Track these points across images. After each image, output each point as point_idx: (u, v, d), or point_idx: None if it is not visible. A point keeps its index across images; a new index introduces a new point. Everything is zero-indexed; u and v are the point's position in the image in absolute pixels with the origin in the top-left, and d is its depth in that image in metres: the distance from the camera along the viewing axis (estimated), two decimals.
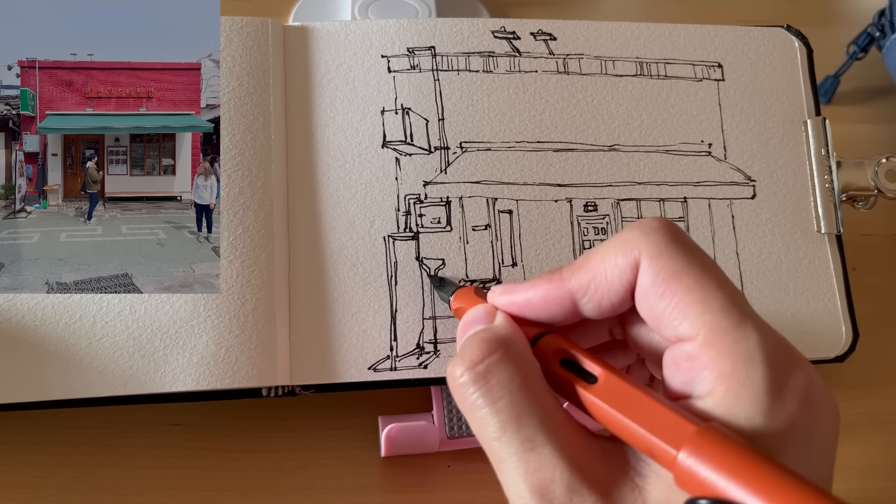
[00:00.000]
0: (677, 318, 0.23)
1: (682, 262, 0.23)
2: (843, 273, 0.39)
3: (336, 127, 0.37)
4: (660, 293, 0.23)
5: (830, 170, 0.40)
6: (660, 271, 0.23)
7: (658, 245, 0.24)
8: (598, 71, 0.39)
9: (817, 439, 0.22)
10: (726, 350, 0.22)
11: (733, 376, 0.22)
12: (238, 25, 0.37)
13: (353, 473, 0.36)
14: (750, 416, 0.21)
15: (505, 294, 0.27)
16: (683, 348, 0.23)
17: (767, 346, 0.22)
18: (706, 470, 0.20)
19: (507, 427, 0.23)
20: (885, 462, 0.39)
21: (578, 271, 0.25)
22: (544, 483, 0.22)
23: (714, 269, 0.24)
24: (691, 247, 0.24)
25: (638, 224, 0.25)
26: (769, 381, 0.22)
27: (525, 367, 0.24)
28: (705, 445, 0.20)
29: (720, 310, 0.23)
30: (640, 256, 0.24)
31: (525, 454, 0.23)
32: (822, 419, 0.23)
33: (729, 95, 0.40)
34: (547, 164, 0.38)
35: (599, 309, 0.25)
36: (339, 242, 0.36)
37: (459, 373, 0.24)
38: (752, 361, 0.22)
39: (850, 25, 0.53)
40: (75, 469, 0.35)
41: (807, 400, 0.22)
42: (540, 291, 0.26)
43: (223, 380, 0.33)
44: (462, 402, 0.24)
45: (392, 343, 0.35)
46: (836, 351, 0.38)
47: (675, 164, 0.39)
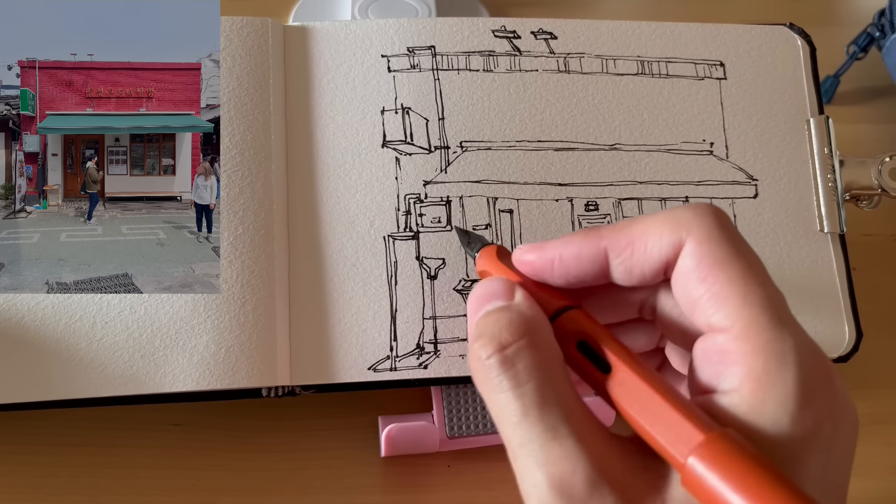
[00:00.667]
0: (713, 307, 0.23)
1: (729, 251, 0.23)
2: (846, 273, 0.38)
3: (336, 127, 0.37)
4: (701, 277, 0.23)
5: (833, 169, 0.39)
6: (705, 256, 0.23)
7: (709, 230, 0.23)
8: (599, 70, 0.39)
9: (838, 448, 0.22)
10: (760, 347, 0.22)
11: (764, 375, 0.21)
12: (238, 25, 0.37)
13: (353, 473, 0.36)
14: (776, 419, 0.21)
15: (532, 251, 0.26)
16: (716, 339, 0.23)
17: (803, 349, 0.22)
18: (714, 479, 0.20)
19: (529, 413, 0.22)
20: (885, 462, 0.39)
21: (618, 232, 0.25)
22: (565, 475, 0.21)
23: (759, 265, 0.23)
24: (739, 239, 0.24)
25: (691, 206, 0.24)
26: (800, 385, 0.21)
27: (550, 355, 0.24)
28: (715, 453, 0.20)
29: (759, 306, 0.22)
30: (686, 237, 0.24)
31: (547, 442, 0.22)
32: (844, 429, 0.22)
33: (731, 94, 0.40)
34: (547, 164, 0.38)
35: (629, 274, 0.25)
36: (339, 242, 0.36)
37: (487, 354, 0.23)
38: (786, 363, 0.21)
39: (850, 25, 0.53)
40: (75, 469, 0.35)
41: (833, 409, 0.22)
42: (573, 247, 0.25)
43: (223, 380, 0.33)
44: (484, 383, 0.24)
45: (392, 343, 0.35)
46: (840, 351, 0.37)
47: (677, 163, 0.39)
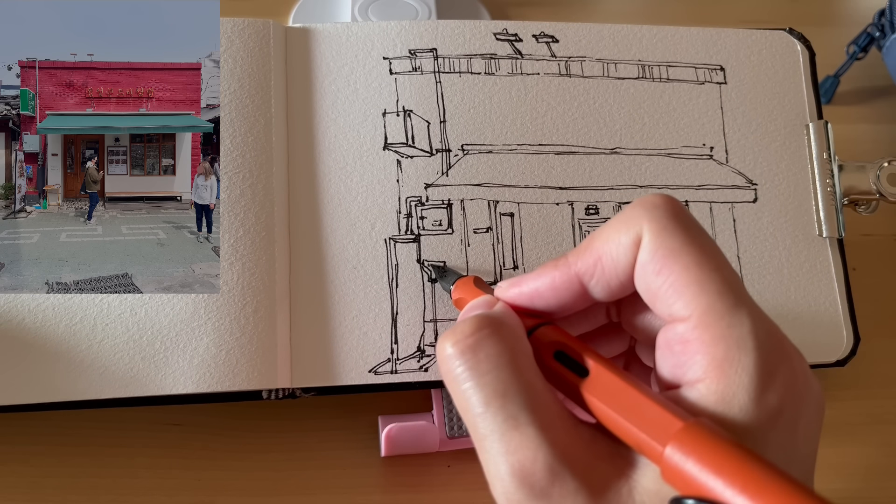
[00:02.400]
0: (672, 297, 0.23)
1: (682, 239, 0.23)
2: (844, 277, 0.39)
3: (337, 129, 0.37)
4: (657, 269, 0.23)
5: (832, 173, 0.40)
6: (659, 247, 0.23)
7: (660, 221, 0.24)
8: (599, 73, 0.39)
9: (802, 426, 0.22)
10: (720, 334, 0.22)
11: (725, 362, 0.22)
12: (239, 27, 0.37)
13: (353, 473, 0.36)
14: (741, 404, 0.21)
15: (512, 287, 0.27)
16: (676, 329, 0.23)
17: (760, 332, 0.22)
18: (692, 466, 0.20)
19: (491, 402, 0.23)
20: (885, 462, 0.39)
21: (584, 253, 0.25)
22: (525, 464, 0.22)
23: (713, 249, 0.24)
24: (692, 225, 0.24)
25: (640, 200, 0.24)
26: (760, 368, 0.22)
27: (515, 346, 0.24)
28: (692, 441, 0.20)
29: (716, 292, 0.22)
30: (641, 232, 0.24)
31: (507, 432, 0.22)
32: (807, 405, 0.23)
33: (731, 98, 0.40)
34: (548, 167, 0.38)
35: (609, 289, 0.25)
36: (340, 245, 0.36)
37: (448, 345, 0.24)
38: (745, 348, 0.22)
39: (850, 25, 0.53)
40: (75, 469, 0.35)
41: (793, 387, 0.22)
42: (547, 279, 0.26)
43: (223, 382, 0.33)
44: (447, 376, 0.24)
45: (393, 346, 0.35)
46: (838, 355, 0.38)
47: (677, 167, 0.39)
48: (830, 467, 0.38)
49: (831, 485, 0.37)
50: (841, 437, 0.39)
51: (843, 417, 0.40)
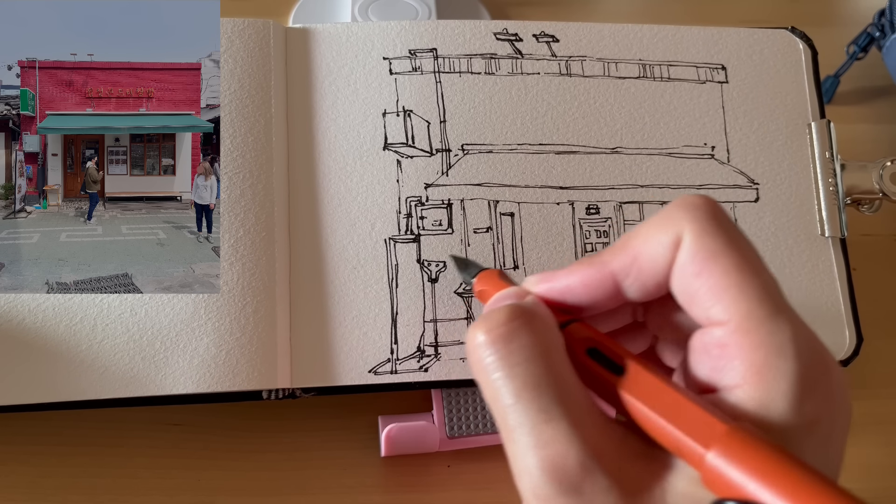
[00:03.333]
0: (711, 300, 0.23)
1: (723, 242, 0.23)
2: (846, 277, 0.38)
3: (337, 129, 0.37)
4: (696, 272, 0.23)
5: (835, 173, 0.39)
6: (699, 249, 0.23)
7: (701, 222, 0.23)
8: (600, 73, 0.39)
9: (834, 439, 0.22)
10: (760, 341, 0.22)
11: (765, 369, 0.21)
12: (239, 27, 0.37)
13: (353, 473, 0.36)
14: (780, 411, 0.21)
15: (542, 282, 0.26)
16: (714, 333, 0.23)
17: (800, 340, 0.22)
18: (735, 471, 0.20)
19: (522, 394, 0.22)
20: (885, 462, 0.39)
21: (620, 252, 0.25)
22: (557, 458, 0.21)
23: (754, 253, 0.23)
24: (732, 227, 0.24)
25: (681, 200, 0.24)
26: (800, 376, 0.21)
27: (548, 339, 0.23)
28: (735, 446, 0.20)
29: (756, 298, 0.22)
30: (682, 233, 0.23)
31: (539, 425, 0.22)
32: (841, 415, 0.23)
33: (732, 98, 0.40)
34: (549, 167, 0.38)
35: (644, 289, 0.25)
36: (340, 245, 0.36)
37: (479, 333, 0.23)
38: (785, 356, 0.21)
39: (850, 25, 0.53)
40: (75, 469, 0.35)
41: (831, 397, 0.22)
42: (580, 276, 0.25)
43: (223, 382, 0.33)
44: (477, 365, 0.23)
45: (393, 346, 0.35)
46: (840, 355, 0.37)
47: (678, 166, 0.39)
48: None
49: None
50: None
51: None
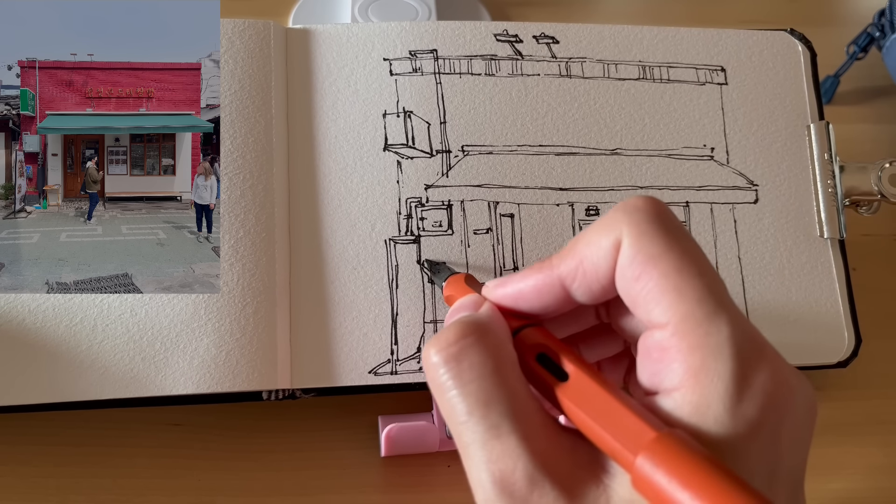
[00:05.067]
0: (651, 303, 0.23)
1: (662, 244, 0.23)
2: (845, 278, 0.39)
3: (338, 130, 0.37)
4: (636, 275, 0.23)
5: (833, 174, 0.40)
6: (637, 253, 0.23)
7: (640, 225, 0.23)
8: (600, 74, 0.39)
9: (786, 433, 0.22)
10: (697, 342, 0.22)
11: (701, 371, 0.21)
12: (240, 28, 0.37)
13: (353, 473, 0.36)
14: (717, 415, 0.21)
15: (498, 287, 0.27)
16: (654, 336, 0.23)
17: (737, 339, 0.22)
18: (662, 477, 0.20)
19: (474, 411, 0.23)
20: (885, 462, 0.39)
21: (567, 257, 0.25)
22: (505, 473, 0.22)
23: (695, 254, 0.23)
24: (674, 228, 0.23)
25: (623, 203, 0.24)
26: (736, 377, 0.21)
27: (500, 354, 0.24)
28: (663, 452, 0.20)
29: (695, 299, 0.22)
30: (621, 236, 0.23)
31: (489, 441, 0.22)
32: (791, 412, 0.22)
33: (732, 99, 0.40)
34: (549, 168, 0.38)
35: (590, 293, 0.25)
36: (341, 246, 0.36)
37: (433, 353, 0.24)
38: (721, 356, 0.21)
39: (850, 25, 0.53)
40: (75, 469, 0.35)
41: (773, 394, 0.22)
42: (531, 281, 0.26)
43: (223, 383, 0.33)
44: (433, 383, 0.24)
45: (393, 347, 0.35)
46: (839, 357, 0.38)
47: (678, 168, 0.39)
48: (830, 467, 0.38)
49: (831, 485, 0.37)
50: (841, 437, 0.39)
51: (843, 417, 0.40)
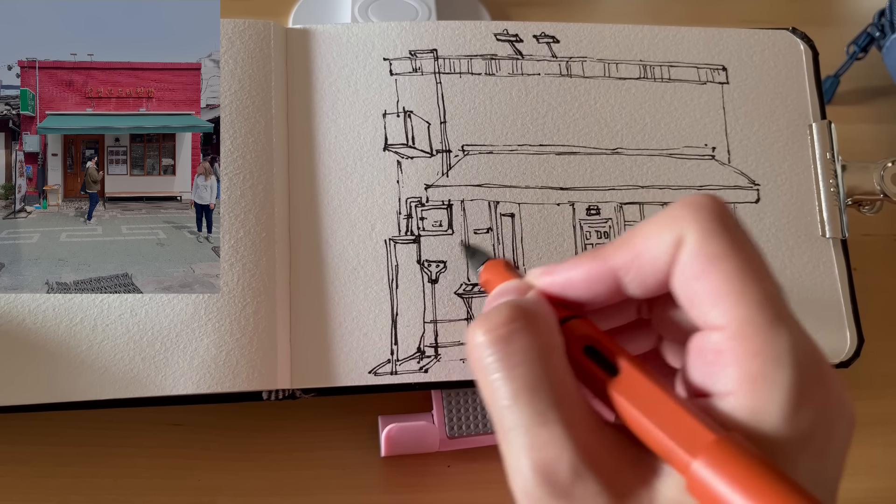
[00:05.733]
0: (710, 304, 0.22)
1: (726, 245, 0.22)
2: (847, 277, 0.38)
3: (338, 130, 0.37)
4: (697, 274, 0.22)
5: (836, 174, 0.39)
6: (701, 251, 0.22)
7: (705, 223, 0.23)
8: (601, 74, 0.39)
9: (832, 450, 0.22)
10: (756, 349, 0.21)
11: (760, 378, 0.21)
12: (240, 28, 0.37)
13: (353, 473, 0.36)
14: (772, 423, 0.21)
15: (545, 275, 0.26)
16: (711, 338, 0.22)
17: (798, 350, 0.21)
18: (720, 482, 0.20)
19: (520, 396, 0.22)
20: (885, 462, 0.39)
21: (622, 248, 0.24)
22: (549, 462, 0.21)
23: (757, 258, 0.23)
24: (737, 230, 0.23)
25: (688, 199, 0.24)
26: (795, 387, 0.21)
27: (549, 341, 0.23)
28: (722, 457, 0.20)
29: (756, 304, 0.22)
30: (685, 233, 0.23)
31: (534, 427, 0.22)
32: (839, 429, 0.22)
33: (733, 98, 0.40)
34: (549, 168, 0.38)
35: (644, 286, 0.24)
36: (341, 246, 0.36)
37: (479, 333, 0.23)
38: (781, 366, 0.21)
39: (850, 25, 0.53)
40: (75, 469, 0.35)
41: (827, 410, 0.22)
42: (582, 270, 0.25)
43: (224, 383, 0.33)
44: (476, 364, 0.23)
45: (393, 347, 0.35)
46: (841, 357, 0.37)
47: (679, 167, 0.39)
48: None
49: None
50: None
51: None
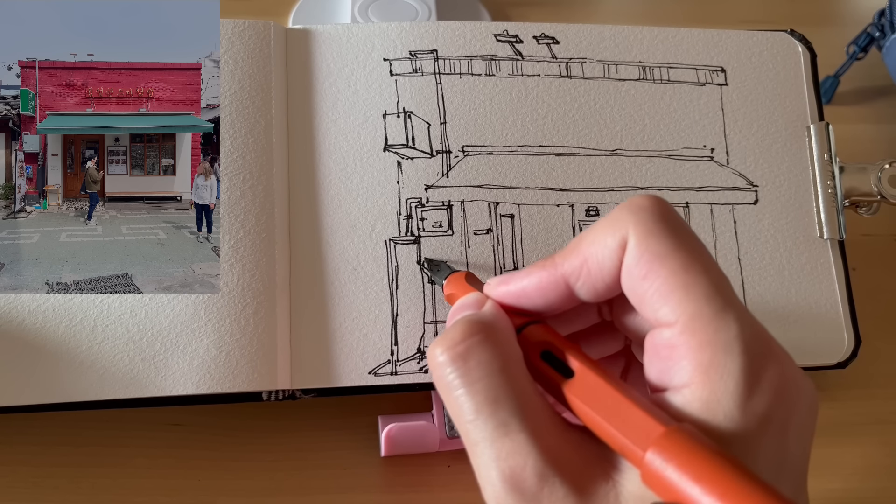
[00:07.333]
0: (658, 302, 0.23)
1: (669, 243, 0.23)
2: (845, 279, 0.39)
3: (338, 130, 0.37)
4: (643, 274, 0.23)
5: (833, 175, 0.40)
6: (644, 252, 0.23)
7: (646, 224, 0.23)
8: (600, 75, 0.39)
9: (793, 429, 0.22)
10: (706, 340, 0.22)
11: (711, 368, 0.22)
12: (240, 28, 0.37)
13: (353, 473, 0.36)
14: (727, 410, 0.21)
15: (500, 285, 0.27)
16: (663, 334, 0.23)
17: (747, 336, 0.22)
18: (672, 472, 0.20)
19: (482, 409, 0.23)
20: (885, 462, 0.39)
21: (570, 255, 0.25)
22: (515, 470, 0.22)
23: (701, 252, 0.23)
24: (680, 227, 0.24)
25: (627, 202, 0.24)
26: (746, 373, 0.21)
27: (506, 352, 0.24)
28: (672, 447, 0.20)
29: (703, 297, 0.22)
30: (627, 235, 0.23)
31: (498, 439, 0.22)
32: (797, 408, 0.22)
33: (732, 100, 0.40)
34: (549, 169, 0.38)
35: (594, 292, 0.25)
36: (341, 246, 0.36)
37: (439, 352, 0.24)
38: (731, 353, 0.22)
39: (850, 25, 0.53)
40: (75, 469, 0.35)
41: (782, 391, 0.22)
42: (534, 279, 0.26)
43: (223, 384, 0.33)
44: (439, 383, 0.24)
45: (393, 347, 0.35)
46: (838, 357, 0.38)
47: (678, 168, 0.39)
48: (830, 467, 0.38)
49: (831, 485, 0.37)
50: (841, 437, 0.39)
51: (842, 417, 0.40)
